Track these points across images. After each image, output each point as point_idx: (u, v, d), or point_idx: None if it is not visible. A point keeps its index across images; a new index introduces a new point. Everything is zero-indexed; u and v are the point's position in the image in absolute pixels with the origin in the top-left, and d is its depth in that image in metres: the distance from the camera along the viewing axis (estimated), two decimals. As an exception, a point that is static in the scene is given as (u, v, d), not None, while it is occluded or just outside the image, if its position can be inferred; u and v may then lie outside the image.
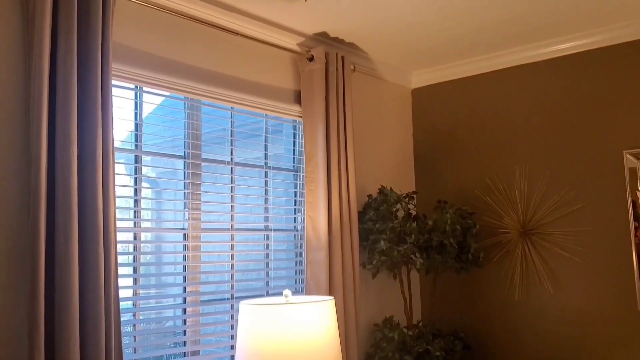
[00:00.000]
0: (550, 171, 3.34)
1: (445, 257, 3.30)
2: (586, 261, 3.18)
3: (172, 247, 2.75)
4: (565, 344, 3.21)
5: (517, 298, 3.40)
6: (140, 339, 2.49)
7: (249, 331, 2.34)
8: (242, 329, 2.38)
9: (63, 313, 1.97)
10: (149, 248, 2.65)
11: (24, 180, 2.05)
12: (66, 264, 1.99)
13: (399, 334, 3.21)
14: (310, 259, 3.01)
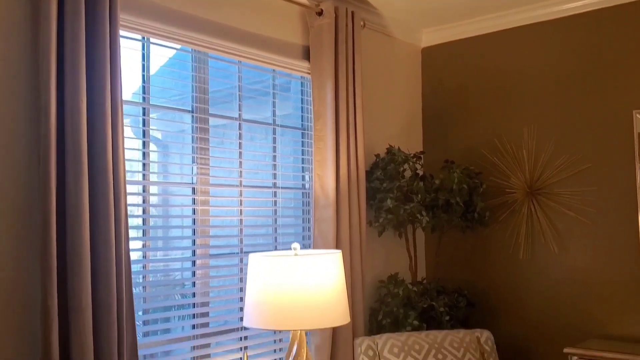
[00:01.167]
0: (559, 131, 3.32)
1: (451, 215, 3.32)
2: (592, 221, 3.19)
3: (181, 202, 2.76)
4: (568, 303, 3.25)
5: (522, 257, 3.42)
6: (150, 290, 2.52)
7: (259, 283, 2.37)
8: (251, 281, 2.41)
9: (75, 262, 2.00)
10: (157, 202, 2.66)
11: (34, 129, 2.05)
12: (77, 214, 2.01)
13: (404, 289, 3.25)
14: (318, 217, 3.03)
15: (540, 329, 3.33)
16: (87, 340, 1.99)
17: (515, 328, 3.42)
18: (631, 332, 3.05)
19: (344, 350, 3.01)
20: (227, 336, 2.75)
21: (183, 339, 2.60)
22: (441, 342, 3.04)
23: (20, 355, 1.99)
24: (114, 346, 2.07)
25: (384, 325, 3.24)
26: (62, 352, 1.98)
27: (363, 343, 2.99)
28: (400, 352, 2.95)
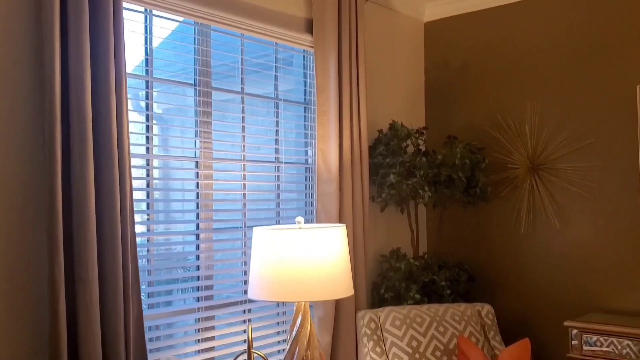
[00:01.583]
0: (562, 107, 3.31)
1: (453, 191, 3.33)
2: (594, 196, 3.20)
3: (184, 175, 2.75)
4: (569, 277, 3.28)
5: (523, 232, 3.44)
6: (154, 263, 2.53)
7: (263, 256, 2.38)
8: (256, 254, 2.42)
9: (81, 234, 2.01)
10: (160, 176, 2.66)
11: (38, 102, 2.03)
12: (82, 186, 2.01)
13: (405, 264, 3.28)
14: (321, 191, 3.04)
15: (540, 302, 3.37)
16: (94, 311, 2.01)
17: (516, 302, 3.45)
18: (631, 306, 3.08)
19: (347, 323, 3.04)
20: (231, 309, 2.77)
21: (187, 311, 2.62)
22: (442, 315, 3.07)
23: (28, 326, 2.00)
24: (120, 317, 2.09)
25: (385, 299, 3.27)
26: (69, 323, 1.99)
27: (365, 316, 3.02)
28: (402, 325, 2.98)
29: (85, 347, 1.99)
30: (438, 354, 2.94)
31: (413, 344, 2.94)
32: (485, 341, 3.09)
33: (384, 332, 2.99)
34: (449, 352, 2.95)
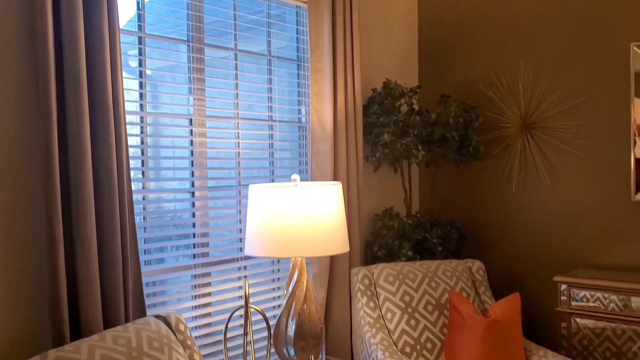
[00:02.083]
0: (555, 65, 3.32)
1: (446, 150, 3.35)
2: (585, 154, 3.24)
3: (178, 134, 2.73)
4: (558, 234, 3.33)
5: (514, 190, 3.48)
6: (149, 220, 2.54)
7: (260, 212, 2.39)
8: (252, 211, 2.44)
9: (79, 190, 2.00)
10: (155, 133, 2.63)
11: (32, 58, 1.99)
12: (78, 142, 2.00)
13: (399, 222, 3.31)
14: (316, 150, 3.04)
15: (530, 258, 3.43)
16: (93, 266, 2.02)
17: (506, 258, 3.52)
18: (618, 261, 3.15)
19: (341, 280, 3.09)
20: (227, 266, 2.80)
21: (184, 268, 2.64)
22: (435, 271, 3.12)
23: (27, 283, 2.01)
24: (118, 272, 2.10)
25: (379, 256, 3.31)
26: (69, 278, 2.00)
27: (359, 272, 3.07)
28: (395, 281, 3.04)
29: (86, 303, 2.01)
30: (430, 308, 3.00)
31: (406, 298, 2.99)
32: (475, 296, 3.15)
33: (377, 287, 3.04)
34: (441, 306, 3.01)
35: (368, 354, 2.82)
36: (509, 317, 2.86)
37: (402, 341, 2.89)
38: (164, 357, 1.96)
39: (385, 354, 2.73)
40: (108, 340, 1.88)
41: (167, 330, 2.08)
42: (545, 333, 3.22)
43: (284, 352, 2.45)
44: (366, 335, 2.87)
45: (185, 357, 2.07)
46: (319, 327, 2.46)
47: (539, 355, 2.80)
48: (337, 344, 3.08)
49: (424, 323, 2.96)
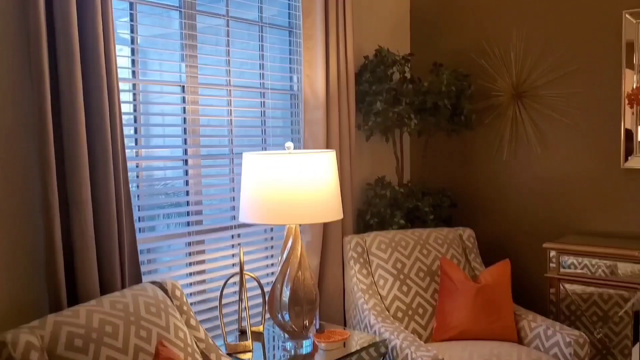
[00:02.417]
0: (547, 33, 3.31)
1: (438, 118, 3.35)
2: (576, 122, 3.26)
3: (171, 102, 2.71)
4: (548, 201, 3.38)
5: (505, 159, 3.50)
6: (143, 187, 2.53)
7: (255, 180, 2.40)
8: (247, 179, 2.44)
9: (73, 157, 1.99)
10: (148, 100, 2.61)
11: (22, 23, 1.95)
12: (72, 109, 1.98)
13: (390, 191, 3.33)
14: (308, 118, 3.03)
15: (520, 226, 3.48)
16: (89, 232, 2.02)
17: (496, 226, 3.56)
18: (606, 228, 3.20)
19: (334, 248, 3.11)
20: (220, 234, 2.81)
21: (178, 235, 2.64)
22: (426, 238, 3.16)
23: (23, 250, 2.00)
24: (114, 239, 2.10)
25: (371, 225, 3.34)
26: (65, 245, 2.00)
27: (352, 240, 3.10)
28: (387, 248, 3.07)
29: (82, 269, 2.01)
30: (421, 274, 3.04)
31: (398, 265, 3.03)
32: (466, 263, 3.20)
33: (370, 255, 3.07)
34: (432, 273, 3.06)
35: (361, 319, 2.86)
36: (499, 283, 2.92)
37: (394, 307, 2.94)
38: (161, 322, 1.98)
39: (377, 319, 2.77)
40: (106, 305, 1.89)
41: (163, 296, 2.10)
42: (534, 298, 3.28)
43: (279, 317, 2.48)
44: (359, 302, 2.91)
45: (182, 322, 2.09)
46: (314, 293, 2.49)
47: (528, 319, 2.85)
48: (330, 310, 3.12)
49: (415, 289, 3.00)
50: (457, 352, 2.63)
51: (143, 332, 1.89)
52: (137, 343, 1.85)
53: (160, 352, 1.79)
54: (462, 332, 2.84)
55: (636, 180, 3.10)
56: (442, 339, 2.86)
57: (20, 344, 1.62)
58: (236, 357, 2.42)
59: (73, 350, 1.71)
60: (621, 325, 2.92)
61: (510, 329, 2.84)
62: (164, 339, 1.93)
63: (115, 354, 1.77)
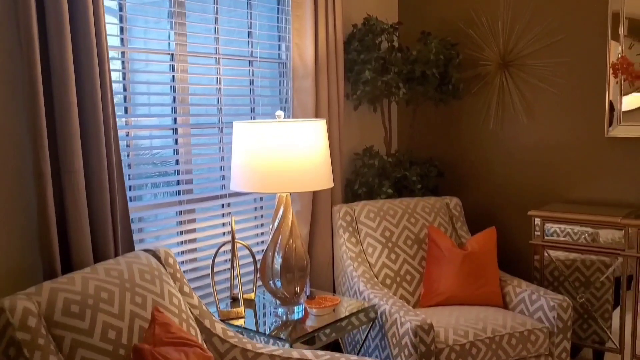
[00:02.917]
0: (535, 2, 3.32)
1: (426, 87, 3.36)
2: (561, 91, 3.29)
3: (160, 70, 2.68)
4: (533, 170, 3.43)
5: (492, 128, 3.54)
6: (133, 156, 2.52)
7: (245, 149, 2.40)
8: (238, 147, 2.44)
9: (64, 125, 1.97)
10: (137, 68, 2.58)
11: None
12: (62, 76, 1.96)
13: (379, 160, 3.36)
14: (297, 87, 3.02)
15: (506, 194, 3.53)
16: (81, 200, 2.02)
17: (483, 195, 3.61)
18: (590, 196, 3.27)
19: (323, 217, 3.14)
20: (210, 203, 2.82)
21: (169, 204, 2.65)
22: (414, 207, 3.20)
23: (16, 219, 2.00)
24: (106, 207, 2.10)
25: (359, 194, 3.37)
26: (58, 214, 2.00)
27: (341, 209, 3.13)
28: (376, 217, 3.10)
29: (76, 237, 2.02)
30: (409, 242, 3.09)
31: (386, 234, 3.07)
32: (453, 231, 3.25)
33: (358, 224, 3.11)
34: (420, 241, 3.11)
35: (350, 287, 2.91)
36: (485, 250, 2.97)
37: (383, 274, 2.99)
38: (155, 288, 1.99)
39: (367, 286, 2.82)
40: (100, 273, 1.90)
41: (157, 264, 2.11)
42: (519, 265, 3.35)
43: (271, 284, 2.51)
44: (348, 269, 2.96)
45: (175, 289, 2.11)
46: (305, 260, 2.52)
47: (513, 284, 2.92)
48: (319, 278, 3.17)
49: (403, 257, 3.05)
50: (444, 316, 2.69)
51: (138, 299, 1.91)
52: (132, 309, 1.87)
53: (156, 317, 1.81)
54: (449, 297, 2.90)
55: (619, 148, 3.15)
56: (429, 305, 2.92)
57: (18, 310, 1.63)
58: (229, 323, 2.45)
59: (70, 316, 1.72)
60: (602, 290, 3.01)
61: (496, 295, 2.91)
62: (159, 305, 1.95)
63: (111, 320, 1.79)
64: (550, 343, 2.69)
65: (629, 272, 2.87)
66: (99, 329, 1.75)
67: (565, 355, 2.70)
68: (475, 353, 2.52)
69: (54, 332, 1.69)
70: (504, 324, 2.63)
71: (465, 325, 2.59)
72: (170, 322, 1.82)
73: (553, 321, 2.68)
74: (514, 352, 2.59)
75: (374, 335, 2.68)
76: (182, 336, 1.78)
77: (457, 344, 2.50)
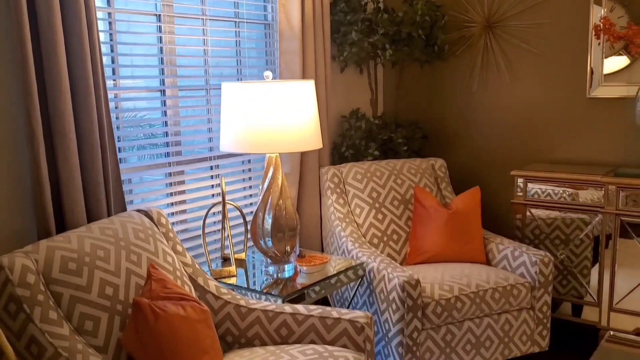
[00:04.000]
0: (520, -37, 3.34)
1: (412, 49, 3.38)
2: (544, 53, 3.34)
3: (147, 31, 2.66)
4: (516, 131, 3.49)
5: (475, 89, 3.58)
6: (122, 117, 2.52)
7: (235, 110, 2.41)
8: (227, 108, 2.45)
9: (55, 86, 1.97)
10: (124, 29, 2.56)
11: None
12: (51, 37, 1.95)
13: (366, 122, 3.39)
14: (284, 49, 3.02)
15: (489, 155, 3.60)
16: (73, 160, 2.03)
17: (467, 156, 3.67)
18: (570, 156, 3.35)
19: (311, 179, 3.18)
20: (199, 165, 2.84)
21: (159, 165, 2.66)
22: (400, 169, 3.25)
23: (9, 179, 2.00)
24: (98, 168, 2.12)
25: (346, 156, 3.41)
26: (51, 175, 2.01)
27: (329, 171, 3.16)
28: (363, 178, 3.15)
29: (68, 198, 2.03)
30: (396, 203, 3.15)
31: (373, 195, 3.13)
32: (438, 191, 3.32)
33: (346, 185, 3.15)
34: (406, 201, 3.17)
35: (338, 246, 2.97)
36: (469, 209, 3.05)
37: (370, 233, 3.05)
38: (150, 247, 2.03)
39: (355, 245, 2.88)
40: (95, 232, 1.92)
41: (150, 223, 2.14)
42: (501, 223, 3.44)
43: (262, 243, 2.56)
44: (336, 229, 3.01)
45: (169, 247, 2.15)
46: (295, 220, 2.56)
47: (496, 242, 3.01)
48: (308, 239, 3.22)
49: (390, 217, 3.11)
50: (429, 272, 2.77)
51: (134, 257, 1.94)
52: (128, 266, 1.90)
53: (152, 274, 1.85)
54: (434, 255, 2.98)
55: (600, 109, 3.22)
56: (415, 263, 3.00)
57: (16, 267, 1.66)
58: (222, 282, 2.50)
59: (67, 273, 1.75)
60: (582, 247, 3.11)
61: (480, 252, 2.99)
62: (154, 263, 1.98)
63: (108, 277, 1.83)
64: (532, 297, 2.79)
65: (608, 231, 2.97)
66: (96, 286, 1.78)
67: (546, 308, 2.81)
68: (460, 307, 2.61)
69: (52, 289, 1.72)
70: (487, 279, 2.72)
71: (450, 280, 2.67)
72: (166, 279, 1.86)
73: (535, 276, 2.77)
74: (497, 305, 2.69)
75: (362, 292, 2.75)
76: (178, 291, 1.82)
77: (442, 298, 2.58)
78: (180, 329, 1.67)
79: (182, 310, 1.72)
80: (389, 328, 2.55)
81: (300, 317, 2.10)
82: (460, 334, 2.63)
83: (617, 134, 3.19)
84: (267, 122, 2.38)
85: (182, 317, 1.70)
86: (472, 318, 2.65)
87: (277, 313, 2.12)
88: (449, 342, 2.61)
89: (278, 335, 2.10)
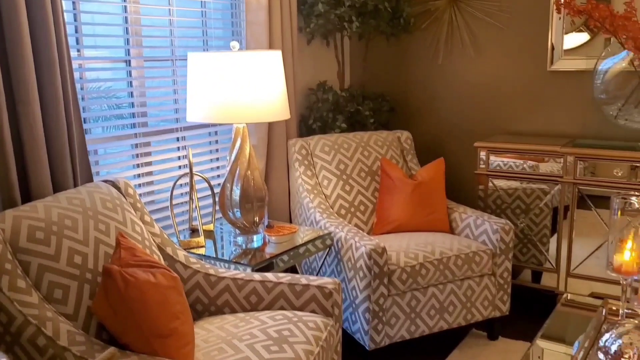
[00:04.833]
0: (485, -63, 3.37)
1: (379, 21, 3.40)
2: (507, 26, 3.40)
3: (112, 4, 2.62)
4: (480, 104, 3.56)
5: (440, 62, 3.63)
6: (87, 88, 2.49)
7: (201, 80, 2.40)
8: (193, 79, 2.44)
9: (17, 55, 1.93)
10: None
11: None
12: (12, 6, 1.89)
13: (333, 95, 3.41)
14: (250, 19, 3.01)
15: (454, 128, 3.67)
16: (38, 131, 2.00)
17: (432, 128, 3.74)
18: (531, 128, 3.44)
19: (279, 151, 3.20)
20: (166, 136, 2.82)
21: (124, 137, 2.64)
22: (367, 141, 3.29)
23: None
24: (64, 138, 2.09)
25: (314, 129, 3.43)
26: (15, 146, 1.98)
27: (297, 143, 3.19)
28: (330, 150, 3.18)
29: (34, 168, 2.01)
30: (363, 174, 3.20)
31: (341, 166, 3.16)
32: (404, 163, 3.38)
33: (314, 157, 3.18)
34: (373, 173, 3.22)
35: (307, 217, 3.01)
36: (434, 179, 3.12)
37: (338, 205, 3.09)
38: (118, 216, 2.03)
39: (323, 216, 2.92)
40: (63, 201, 1.91)
41: (117, 194, 2.13)
42: (464, 194, 3.53)
43: (230, 214, 2.57)
44: (304, 201, 3.05)
45: (137, 217, 2.15)
46: (263, 191, 2.58)
47: (459, 211, 3.09)
48: (276, 211, 3.25)
49: (357, 188, 3.16)
50: (395, 241, 2.84)
51: (102, 226, 1.94)
52: (97, 236, 1.90)
53: (121, 242, 1.85)
54: (400, 225, 3.05)
55: (561, 82, 3.31)
56: (381, 232, 3.07)
57: (-18, 236, 1.64)
58: (190, 252, 2.51)
59: (35, 242, 1.74)
60: (541, 216, 3.21)
61: (443, 221, 3.07)
62: (122, 232, 1.99)
63: (76, 246, 1.82)
64: (493, 264, 2.88)
65: (566, 202, 3.07)
66: (64, 255, 1.78)
67: (507, 274, 2.91)
68: (424, 273, 2.68)
69: (20, 258, 1.71)
70: (450, 246, 2.80)
71: (415, 248, 2.74)
72: (135, 247, 1.87)
73: (496, 243, 2.87)
74: (459, 272, 2.78)
75: (330, 261, 2.80)
76: (147, 259, 1.83)
77: (407, 265, 2.65)
78: (151, 295, 1.69)
79: (152, 277, 1.73)
80: (357, 295, 2.62)
81: (269, 284, 2.13)
82: (424, 299, 2.71)
83: (577, 106, 3.29)
84: (234, 93, 2.38)
85: (152, 283, 1.72)
86: (436, 284, 2.74)
87: (246, 281, 2.15)
88: (414, 308, 2.69)
89: (248, 303, 2.14)
